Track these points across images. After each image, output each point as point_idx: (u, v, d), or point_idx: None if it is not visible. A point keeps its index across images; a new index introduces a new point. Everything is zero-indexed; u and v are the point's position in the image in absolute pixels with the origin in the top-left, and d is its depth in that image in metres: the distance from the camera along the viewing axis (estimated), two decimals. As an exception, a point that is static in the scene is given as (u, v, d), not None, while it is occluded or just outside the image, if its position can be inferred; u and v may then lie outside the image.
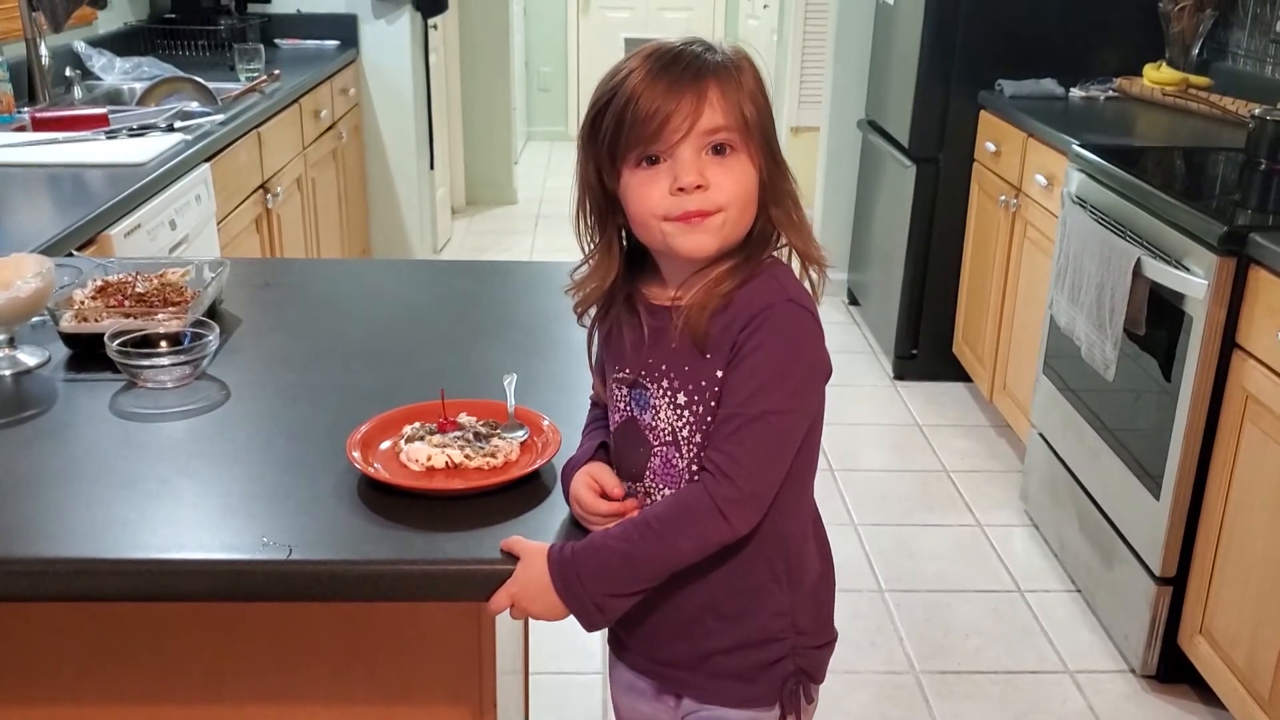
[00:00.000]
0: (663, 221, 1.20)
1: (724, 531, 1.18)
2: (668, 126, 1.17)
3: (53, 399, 1.51)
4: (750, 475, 1.17)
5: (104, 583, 1.16)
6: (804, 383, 1.21)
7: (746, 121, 1.20)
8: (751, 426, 1.17)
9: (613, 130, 1.19)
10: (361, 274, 2.29)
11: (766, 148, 1.22)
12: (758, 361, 1.18)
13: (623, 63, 1.22)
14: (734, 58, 1.21)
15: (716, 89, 1.18)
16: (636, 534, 1.19)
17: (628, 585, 1.19)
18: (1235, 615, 2.34)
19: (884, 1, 4.40)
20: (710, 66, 1.19)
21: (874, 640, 2.73)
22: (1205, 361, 2.38)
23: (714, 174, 1.19)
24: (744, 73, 1.21)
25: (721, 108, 1.18)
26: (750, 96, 1.20)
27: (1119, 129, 3.40)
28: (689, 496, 1.20)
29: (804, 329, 1.21)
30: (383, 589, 1.16)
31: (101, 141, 2.89)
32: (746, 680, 1.31)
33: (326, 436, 1.39)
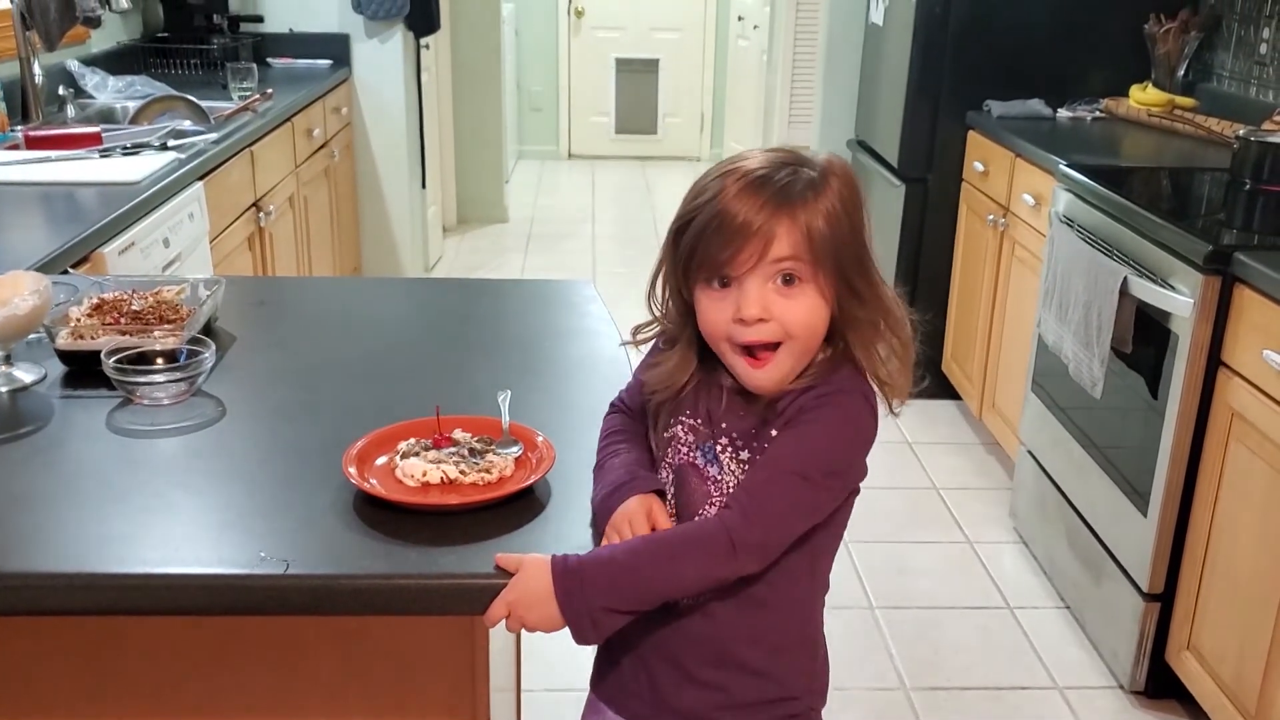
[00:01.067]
0: (728, 345, 1.24)
1: (728, 566, 1.20)
2: (738, 257, 1.20)
3: (49, 416, 1.52)
4: (767, 524, 1.21)
5: (100, 598, 1.17)
6: (842, 467, 1.24)
7: (816, 250, 1.20)
8: (784, 481, 1.21)
9: (690, 248, 1.23)
10: (355, 292, 2.30)
11: (840, 275, 1.22)
12: (811, 431, 1.22)
13: (713, 177, 1.24)
14: (819, 179, 1.22)
15: (789, 220, 1.20)
16: (645, 550, 1.21)
17: (627, 602, 1.20)
18: (1222, 631, 2.36)
19: (873, 22, 4.43)
20: (791, 194, 1.20)
21: (864, 657, 2.74)
22: (1191, 379, 2.40)
23: (779, 306, 1.21)
24: (824, 195, 1.21)
25: (791, 238, 1.20)
26: (828, 218, 1.21)
27: (1106, 149, 3.43)
28: (705, 526, 1.22)
29: (863, 423, 1.25)
30: (379, 603, 1.17)
31: (95, 160, 2.90)
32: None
33: (322, 452, 1.40)
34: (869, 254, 1.26)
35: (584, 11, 8.24)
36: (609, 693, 1.41)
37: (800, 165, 1.23)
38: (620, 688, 1.38)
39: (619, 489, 1.29)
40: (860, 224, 1.24)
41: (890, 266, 4.12)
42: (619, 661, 1.37)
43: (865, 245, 1.25)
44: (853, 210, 1.23)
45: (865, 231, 1.25)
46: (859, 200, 1.25)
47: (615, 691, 1.39)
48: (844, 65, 4.72)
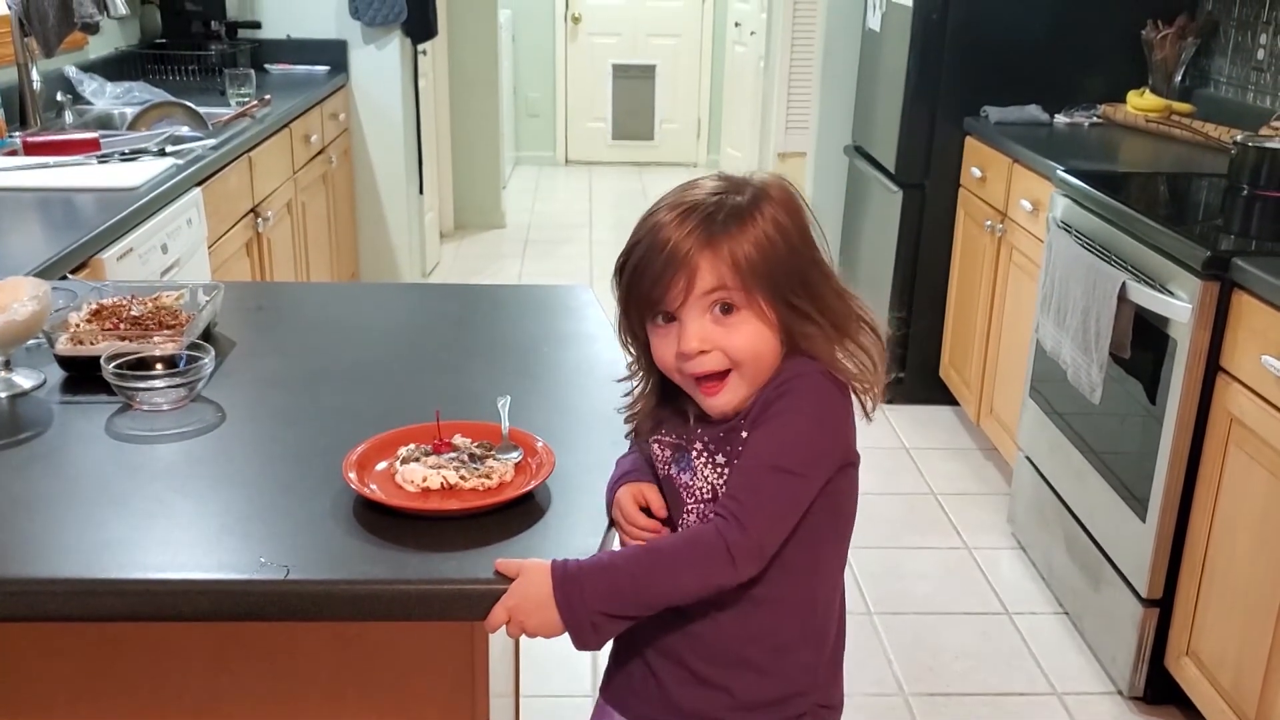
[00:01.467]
0: (680, 377, 1.26)
1: (728, 573, 1.20)
2: (669, 293, 1.22)
3: (48, 421, 1.51)
4: (760, 526, 1.20)
5: (100, 603, 1.17)
6: (822, 451, 1.24)
7: (745, 276, 1.21)
8: (766, 479, 1.21)
9: (627, 286, 1.26)
10: (354, 297, 2.30)
11: (778, 296, 1.23)
12: (782, 423, 1.22)
13: (649, 212, 1.26)
14: (748, 205, 1.22)
15: (710, 250, 1.21)
16: (646, 559, 1.21)
17: (626, 608, 1.20)
18: (1222, 637, 2.36)
19: (870, 28, 4.44)
20: (711, 224, 1.21)
21: (862, 663, 2.74)
22: (1190, 385, 2.40)
23: (718, 336, 1.23)
24: (754, 221, 1.21)
25: (715, 269, 1.21)
26: (757, 244, 1.21)
27: (1103, 155, 3.43)
28: (701, 534, 1.22)
29: (831, 401, 1.24)
30: (379, 609, 1.17)
31: (93, 166, 2.90)
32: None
33: (322, 458, 1.40)
34: (817, 269, 1.26)
35: (581, 18, 8.25)
36: (617, 695, 1.41)
37: (731, 193, 1.24)
38: (628, 690, 1.38)
39: (623, 477, 1.34)
40: (799, 244, 1.24)
41: (887, 272, 4.13)
42: (626, 664, 1.37)
43: (810, 263, 1.25)
44: (789, 232, 1.23)
45: (810, 250, 1.26)
46: (800, 220, 1.25)
47: (623, 694, 1.39)
48: (841, 71, 4.73)
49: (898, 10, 4.03)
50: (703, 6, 8.22)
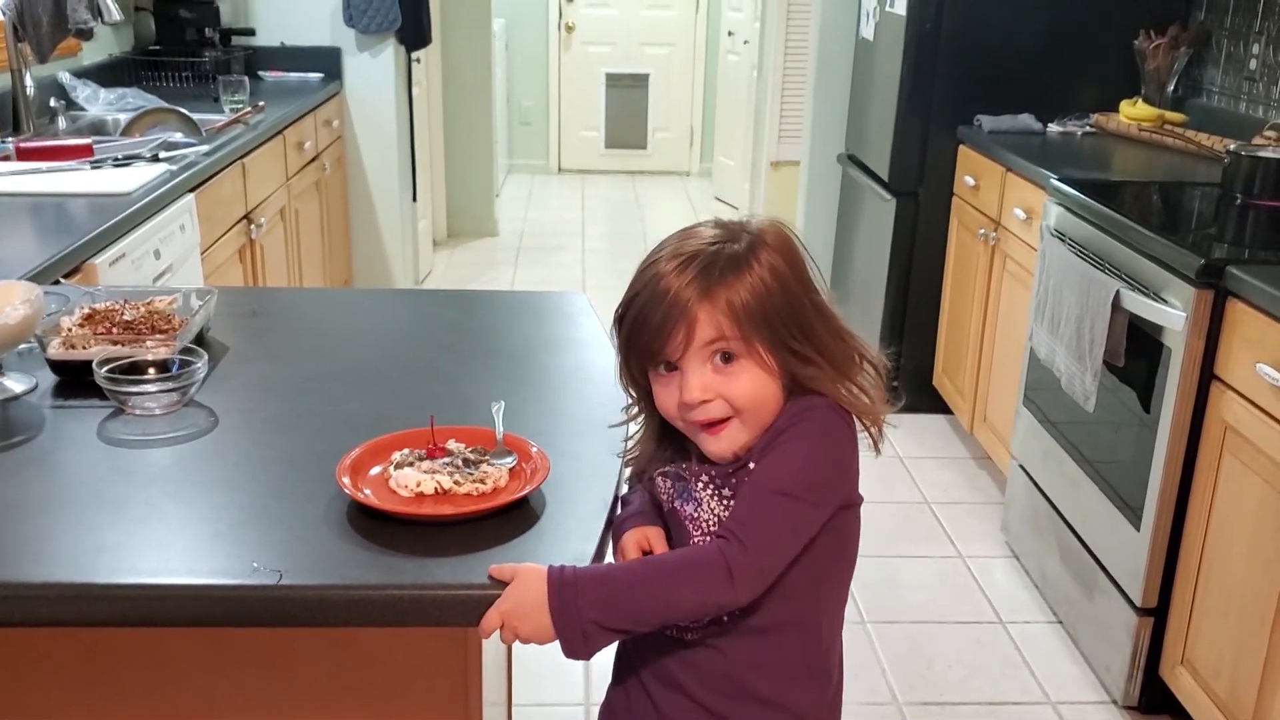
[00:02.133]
0: (684, 424, 1.28)
1: (727, 592, 1.20)
2: (669, 344, 1.23)
3: (40, 426, 1.51)
4: (762, 547, 1.20)
5: (92, 608, 1.16)
6: (828, 480, 1.25)
7: (744, 326, 1.22)
8: (770, 503, 1.21)
9: (628, 336, 1.27)
10: (348, 303, 2.30)
11: (777, 342, 1.24)
12: (790, 451, 1.23)
13: (648, 262, 1.27)
14: (744, 253, 1.24)
15: (708, 301, 1.22)
16: (643, 571, 1.21)
17: (621, 621, 1.19)
18: (1217, 646, 2.36)
19: (863, 37, 4.45)
20: (709, 275, 1.22)
21: (857, 672, 2.73)
22: (1184, 393, 2.40)
23: (719, 385, 1.24)
24: (750, 269, 1.23)
25: (714, 320, 1.22)
26: (754, 292, 1.22)
27: (1096, 164, 3.44)
28: (702, 552, 1.23)
29: (839, 433, 1.25)
30: (373, 614, 1.16)
31: (86, 171, 2.90)
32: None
33: (316, 463, 1.39)
34: (815, 312, 1.27)
35: (574, 26, 8.25)
36: (615, 719, 1.41)
37: (729, 241, 1.25)
38: (628, 715, 1.38)
39: (629, 519, 1.34)
40: (796, 287, 1.25)
41: (881, 281, 4.13)
42: (626, 689, 1.37)
43: (809, 305, 1.26)
44: (786, 277, 1.25)
45: (808, 292, 1.27)
46: (796, 263, 1.26)
47: (622, 718, 1.39)
48: (834, 80, 4.74)
49: (891, 19, 4.04)
50: (696, 15, 8.23)
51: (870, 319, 4.24)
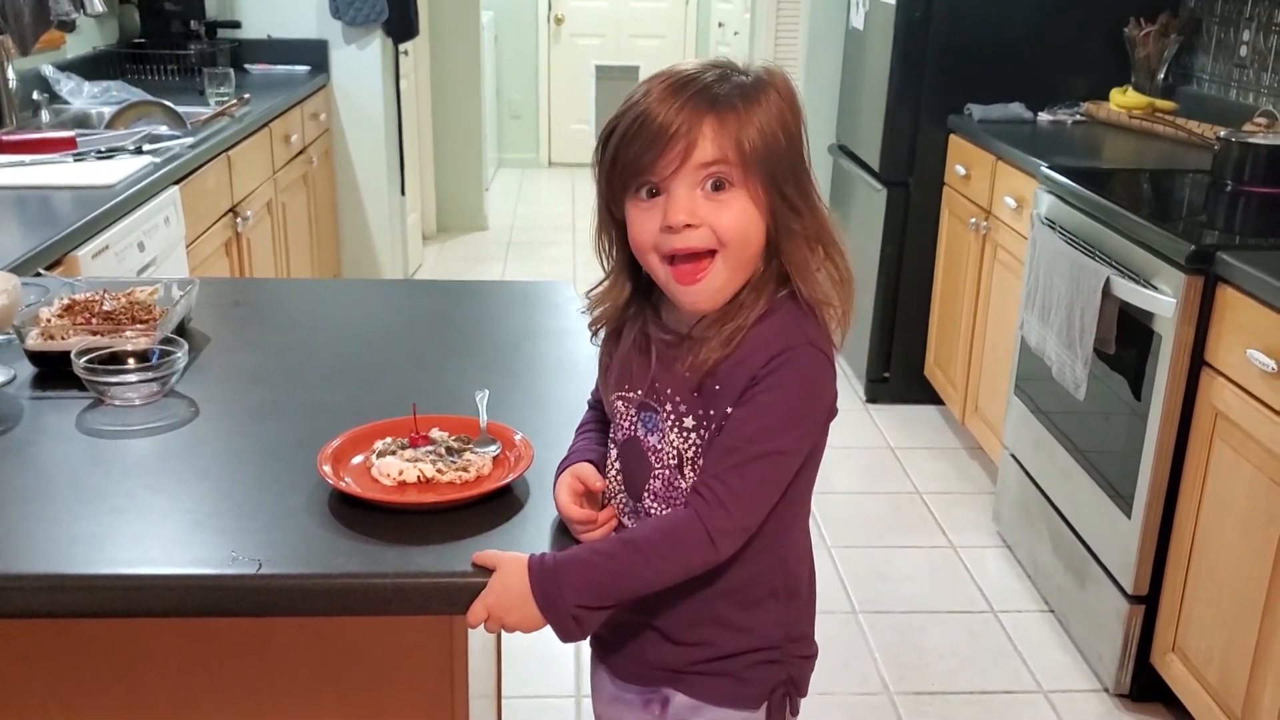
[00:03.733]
0: (659, 260, 1.19)
1: (710, 557, 1.19)
2: (661, 160, 1.15)
3: (18, 417, 1.49)
4: (745, 509, 1.18)
5: (70, 599, 1.14)
6: (811, 427, 1.22)
7: (746, 155, 1.16)
8: (755, 463, 1.18)
9: (613, 157, 1.19)
10: (332, 293, 2.28)
11: (773, 185, 1.18)
12: (771, 401, 1.18)
13: (641, 83, 1.21)
14: (753, 88, 1.18)
15: (715, 121, 1.15)
16: (623, 553, 1.18)
17: (608, 599, 1.18)
18: (1208, 632, 2.35)
19: (854, 27, 4.43)
20: (717, 96, 1.16)
21: (848, 662, 2.72)
22: (1175, 379, 2.39)
23: (707, 211, 1.17)
24: (759, 103, 1.17)
25: (718, 141, 1.15)
26: (761, 128, 1.16)
27: (1087, 152, 3.43)
28: (680, 521, 1.19)
29: (820, 375, 1.22)
30: (354, 603, 1.14)
31: (69, 164, 2.87)
32: (739, 680, 1.31)
33: (297, 453, 1.37)
34: (806, 169, 1.22)
35: (564, 19, 8.23)
36: (602, 654, 1.40)
37: (734, 72, 1.19)
38: (610, 650, 1.38)
39: (559, 471, 1.30)
40: (798, 138, 1.21)
41: (872, 271, 4.11)
42: (607, 624, 1.35)
43: (803, 159, 1.22)
44: (790, 123, 1.20)
45: (803, 147, 1.22)
46: (798, 114, 1.21)
47: (607, 653, 1.39)
48: (825, 70, 4.72)
49: (881, 9, 4.02)
50: (686, 7, 8.21)
51: (861, 309, 4.23)
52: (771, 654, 1.32)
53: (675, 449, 1.24)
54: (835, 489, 3.54)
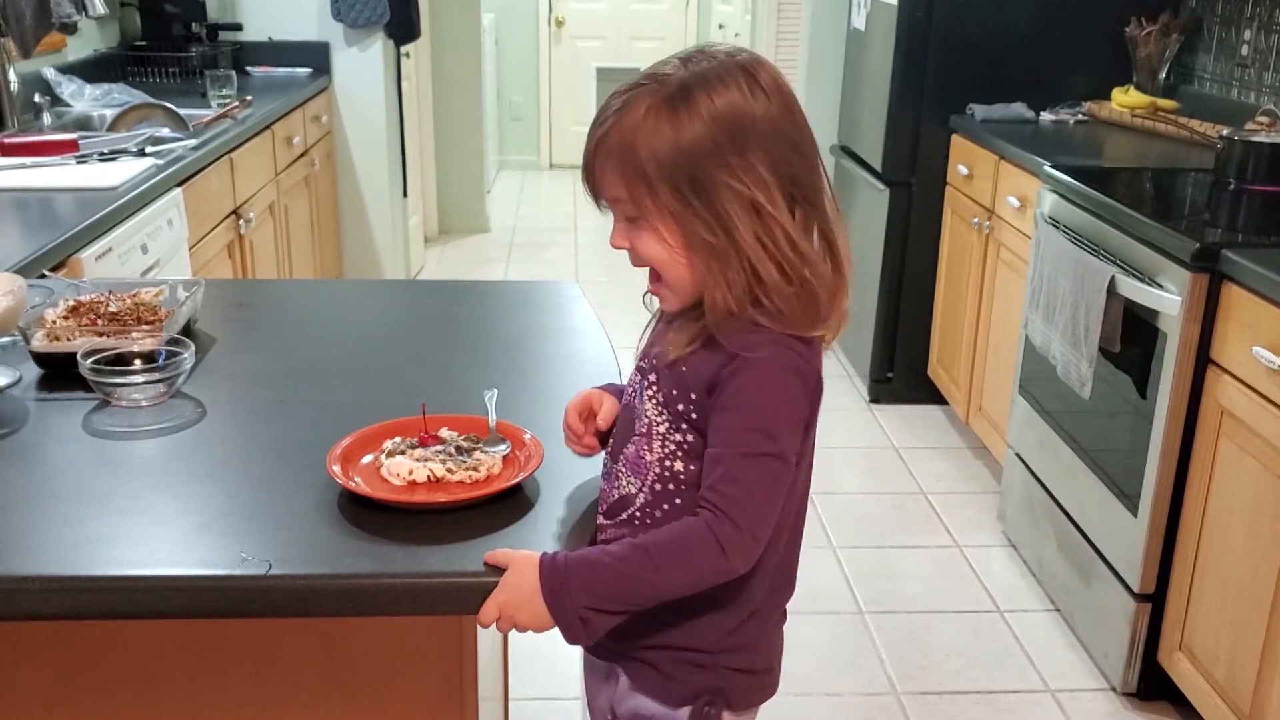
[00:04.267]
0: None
1: (722, 568, 1.17)
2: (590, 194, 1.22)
3: (24, 419, 1.48)
4: (750, 515, 1.16)
5: (77, 601, 1.14)
6: (793, 423, 1.19)
7: (642, 183, 1.15)
8: (746, 467, 1.16)
9: None
10: (337, 294, 2.27)
11: (677, 198, 1.15)
12: (745, 402, 1.17)
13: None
14: (629, 102, 1.15)
15: (604, 155, 1.17)
16: (635, 557, 1.16)
17: (616, 604, 1.17)
18: (1215, 631, 2.34)
19: (855, 28, 4.43)
20: (607, 130, 1.17)
21: (855, 662, 2.72)
22: (1180, 377, 2.38)
23: (632, 240, 1.20)
24: (627, 114, 1.15)
25: (610, 177, 1.17)
26: (655, 150, 1.14)
27: (1089, 151, 3.42)
28: (692, 530, 1.17)
29: (789, 366, 1.18)
30: (365, 603, 1.14)
31: (71, 166, 2.87)
32: (663, 674, 1.31)
33: (305, 453, 1.37)
34: (717, 172, 1.14)
35: (564, 21, 8.23)
36: None
37: (648, 78, 1.18)
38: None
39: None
40: (693, 140, 1.13)
41: (875, 271, 4.11)
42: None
43: (708, 161, 1.14)
44: (676, 124, 1.14)
45: (711, 147, 1.13)
46: (694, 112, 1.14)
47: None
48: (826, 71, 4.72)
49: (882, 9, 4.02)
50: (686, 9, 8.21)
51: (865, 310, 4.23)
52: (698, 657, 1.30)
53: (648, 418, 1.25)
54: (840, 489, 3.54)
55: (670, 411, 1.23)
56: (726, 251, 1.16)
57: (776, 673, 1.37)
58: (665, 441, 1.24)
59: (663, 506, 1.25)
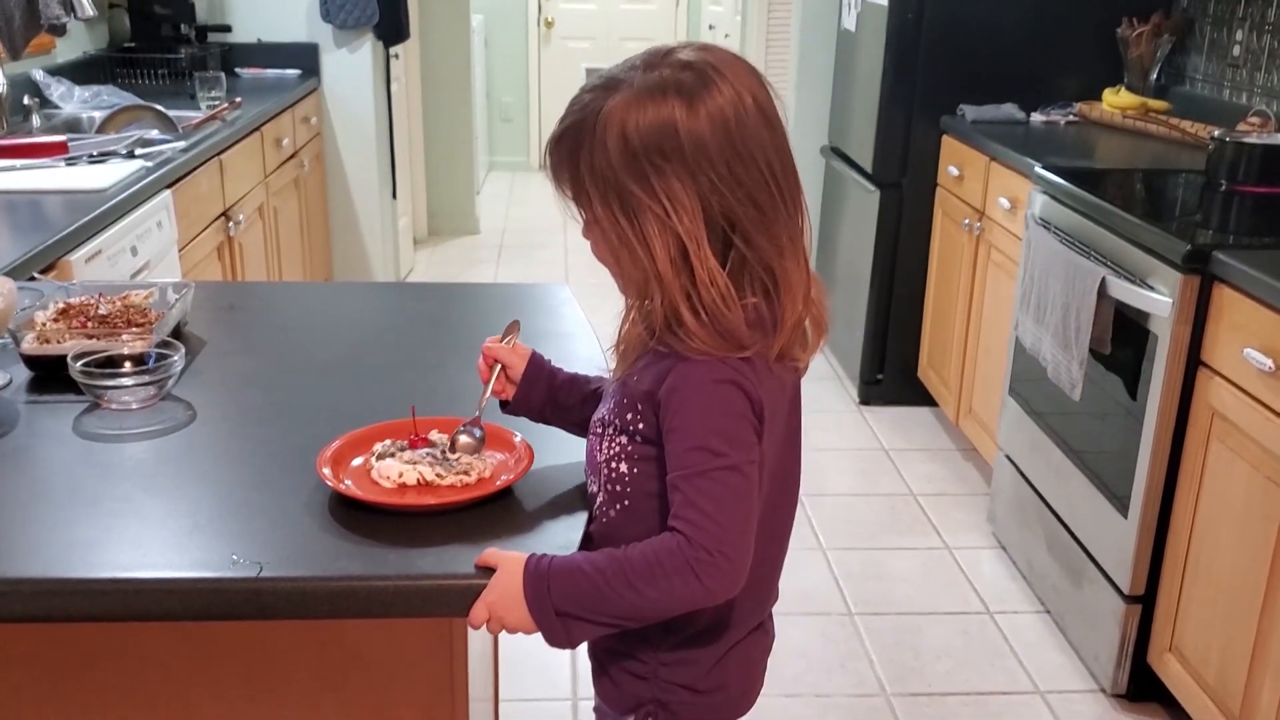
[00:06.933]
0: None
1: (696, 591, 1.13)
2: None
3: (14, 421, 1.47)
4: (713, 535, 1.12)
5: (67, 603, 1.13)
6: (734, 431, 1.15)
7: (582, 190, 1.17)
8: (701, 488, 1.13)
9: None
10: (328, 296, 2.27)
11: (611, 217, 1.15)
12: (683, 420, 1.15)
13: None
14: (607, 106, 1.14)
15: (557, 154, 1.19)
16: (610, 569, 1.14)
17: (593, 614, 1.15)
18: (1205, 632, 2.35)
19: (845, 28, 4.43)
20: (566, 127, 1.18)
21: (844, 664, 2.72)
22: (1171, 379, 2.39)
23: (587, 236, 1.22)
24: (597, 122, 1.14)
25: (561, 176, 1.20)
26: (593, 161, 1.14)
27: (1080, 152, 3.43)
28: (664, 549, 1.13)
29: (720, 377, 1.14)
30: (356, 606, 1.13)
31: (61, 168, 2.86)
32: (611, 679, 1.33)
33: (295, 456, 1.36)
34: (640, 193, 1.12)
35: (554, 22, 8.22)
36: None
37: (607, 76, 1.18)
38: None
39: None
40: (622, 155, 1.12)
41: (865, 273, 4.12)
42: None
43: (631, 180, 1.13)
44: (613, 135, 1.13)
45: (635, 166, 1.12)
46: (630, 125, 1.12)
47: None
48: (816, 72, 4.72)
49: (873, 10, 4.02)
50: (676, 9, 8.21)
51: (855, 311, 4.23)
52: (635, 666, 1.30)
53: (601, 416, 1.27)
54: (829, 491, 3.54)
55: (620, 417, 1.23)
56: (647, 278, 1.16)
57: (737, 694, 1.33)
58: (612, 442, 1.25)
59: (615, 507, 1.26)
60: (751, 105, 1.15)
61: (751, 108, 1.15)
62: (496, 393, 1.39)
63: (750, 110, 1.15)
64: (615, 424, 1.24)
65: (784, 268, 1.19)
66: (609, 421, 1.25)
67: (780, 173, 1.18)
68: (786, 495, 1.30)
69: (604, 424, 1.26)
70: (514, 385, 1.40)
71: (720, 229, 1.16)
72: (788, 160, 1.19)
